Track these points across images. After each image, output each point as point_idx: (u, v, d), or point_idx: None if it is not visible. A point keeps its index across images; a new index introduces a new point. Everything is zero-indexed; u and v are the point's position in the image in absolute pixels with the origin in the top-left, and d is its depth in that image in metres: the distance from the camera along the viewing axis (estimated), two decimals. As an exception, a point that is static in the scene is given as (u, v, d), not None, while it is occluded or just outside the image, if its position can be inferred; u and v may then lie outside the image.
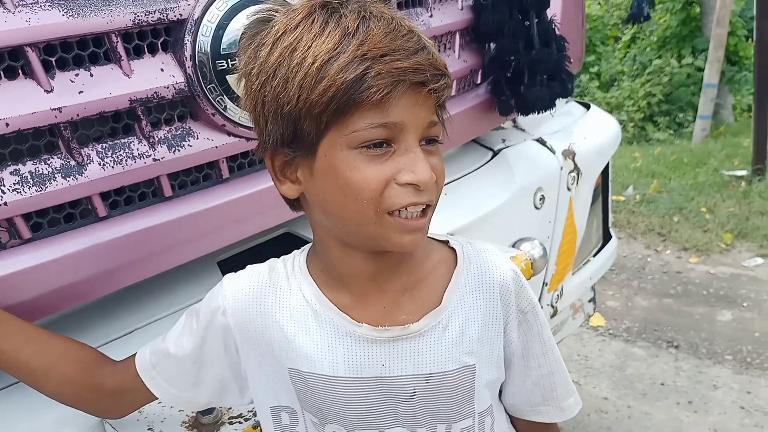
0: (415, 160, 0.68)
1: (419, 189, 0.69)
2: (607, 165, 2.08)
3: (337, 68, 0.65)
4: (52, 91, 0.86)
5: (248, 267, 0.85)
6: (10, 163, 0.85)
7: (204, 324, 0.83)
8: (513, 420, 0.93)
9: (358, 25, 0.66)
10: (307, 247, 0.85)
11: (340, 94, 0.65)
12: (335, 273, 0.79)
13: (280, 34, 0.68)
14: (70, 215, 0.93)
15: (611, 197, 2.23)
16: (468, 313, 0.80)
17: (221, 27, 0.98)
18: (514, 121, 1.92)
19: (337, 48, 0.65)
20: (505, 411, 0.92)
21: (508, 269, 0.83)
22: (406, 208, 0.69)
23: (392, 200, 0.69)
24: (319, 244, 0.81)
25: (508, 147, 1.78)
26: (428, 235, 0.84)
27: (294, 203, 0.80)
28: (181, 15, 0.96)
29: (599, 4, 15.71)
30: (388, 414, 0.79)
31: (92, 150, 0.92)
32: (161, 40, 0.97)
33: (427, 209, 0.72)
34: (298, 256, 0.84)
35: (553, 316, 1.88)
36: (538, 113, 1.62)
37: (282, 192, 0.77)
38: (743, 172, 5.32)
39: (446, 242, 0.85)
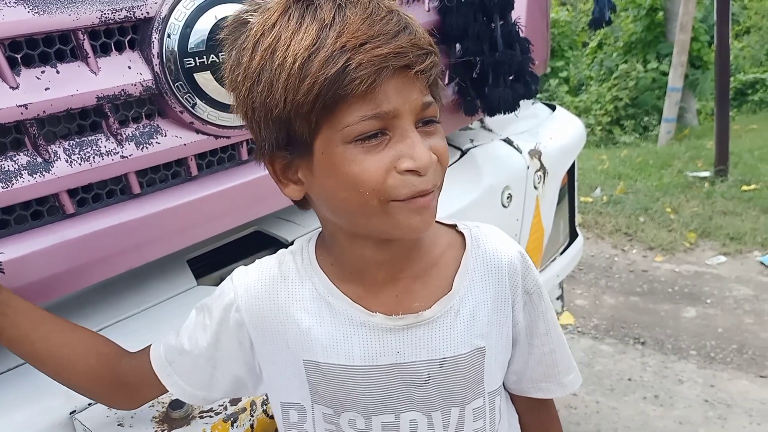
0: (412, 146, 0.67)
1: (421, 174, 0.68)
2: (573, 164, 2.13)
3: (318, 64, 0.63)
4: (17, 87, 0.86)
5: (257, 261, 0.85)
6: (-25, 160, 0.85)
7: (217, 320, 0.83)
8: (512, 398, 0.95)
9: (334, 15, 0.64)
10: (313, 237, 0.84)
11: (325, 90, 0.63)
12: (347, 266, 0.79)
13: (258, 36, 0.67)
14: (37, 212, 0.93)
15: (577, 196, 2.27)
16: (478, 297, 0.81)
17: (188, 25, 0.99)
18: (481, 121, 1.95)
19: (315, 43, 0.63)
20: (505, 389, 0.93)
21: (515, 251, 0.84)
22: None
23: (397, 190, 0.68)
24: (329, 238, 0.81)
25: (476, 147, 1.81)
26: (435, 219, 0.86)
27: (301, 202, 0.79)
28: (148, 13, 0.96)
29: (567, 9, 15.96)
30: (403, 399, 0.80)
31: (59, 147, 0.92)
32: (128, 38, 0.97)
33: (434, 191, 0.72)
34: (306, 247, 0.83)
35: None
36: (503, 114, 1.65)
37: (286, 194, 0.76)
38: (706, 174, 5.47)
39: (454, 226, 0.86)
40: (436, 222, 0.85)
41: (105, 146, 0.96)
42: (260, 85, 0.66)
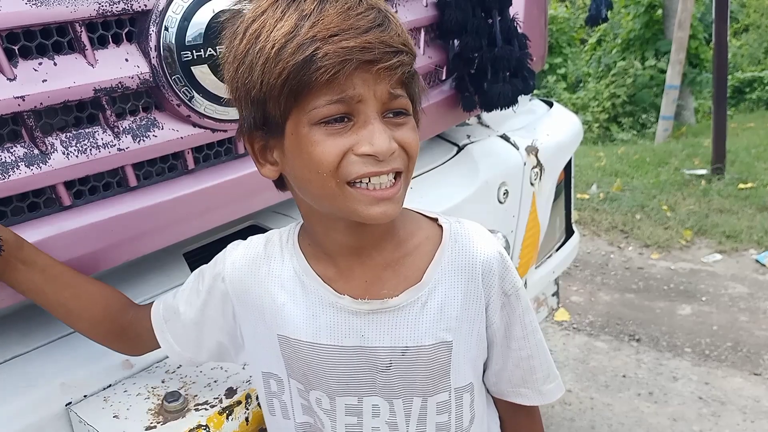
0: (372, 132, 0.70)
1: (378, 159, 0.70)
2: (570, 161, 2.13)
3: (290, 51, 0.67)
4: (15, 79, 0.86)
5: (249, 238, 0.91)
6: (-28, 151, 0.85)
7: (207, 287, 0.89)
8: (496, 402, 0.96)
9: (314, 7, 0.68)
10: (301, 220, 0.88)
11: (292, 76, 0.67)
12: (321, 247, 0.83)
13: (249, 21, 0.71)
14: (34, 204, 0.93)
15: (574, 193, 2.28)
16: (448, 291, 0.82)
17: (186, 18, 0.99)
18: (478, 117, 1.95)
19: (292, 31, 0.67)
20: (487, 392, 0.94)
21: (494, 251, 0.84)
22: (369, 179, 0.71)
23: (348, 169, 0.70)
24: (305, 219, 0.84)
25: (472, 142, 1.81)
26: (419, 211, 0.87)
27: (280, 184, 0.82)
28: (145, 6, 0.96)
29: (566, 6, 15.96)
30: (366, 383, 0.83)
31: (56, 139, 0.92)
32: (126, 30, 0.97)
33: (398, 177, 0.74)
34: (293, 229, 0.88)
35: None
36: (501, 110, 1.65)
37: (263, 174, 0.80)
38: (703, 171, 5.49)
39: (436, 219, 0.87)
40: (419, 213, 0.87)
41: (102, 138, 0.96)
42: (243, 66, 0.71)
